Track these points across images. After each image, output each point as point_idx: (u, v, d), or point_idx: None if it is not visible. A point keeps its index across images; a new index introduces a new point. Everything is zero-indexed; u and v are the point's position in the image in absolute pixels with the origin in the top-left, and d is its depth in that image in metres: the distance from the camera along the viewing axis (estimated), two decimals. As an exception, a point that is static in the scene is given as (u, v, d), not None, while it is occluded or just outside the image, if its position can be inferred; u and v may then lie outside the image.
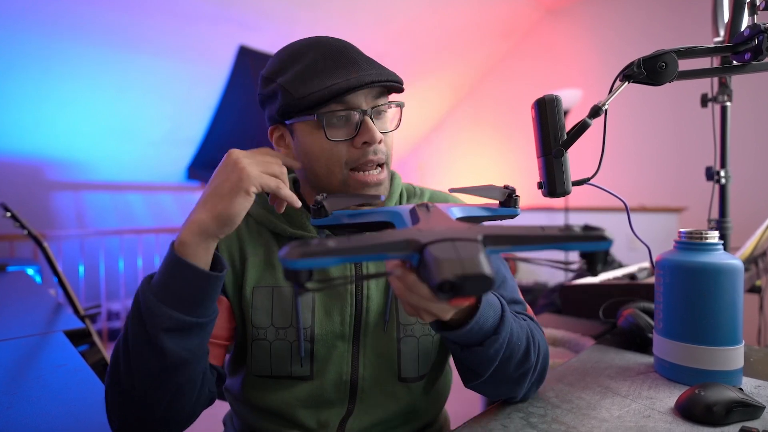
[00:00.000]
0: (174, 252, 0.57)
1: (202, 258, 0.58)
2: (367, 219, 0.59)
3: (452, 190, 0.69)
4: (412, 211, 0.51)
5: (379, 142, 0.67)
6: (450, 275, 0.33)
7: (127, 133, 3.66)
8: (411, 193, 0.81)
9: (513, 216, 0.62)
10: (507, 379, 0.64)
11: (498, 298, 0.61)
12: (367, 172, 0.67)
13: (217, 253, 0.61)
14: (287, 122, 0.68)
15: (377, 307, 0.71)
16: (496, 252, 0.39)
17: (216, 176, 0.59)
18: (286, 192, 0.60)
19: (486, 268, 0.34)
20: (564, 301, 1.42)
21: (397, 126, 0.72)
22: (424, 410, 0.77)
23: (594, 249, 0.36)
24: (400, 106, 0.71)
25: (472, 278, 0.33)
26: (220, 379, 0.70)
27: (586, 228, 0.37)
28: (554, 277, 3.98)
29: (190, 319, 0.57)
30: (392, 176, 0.77)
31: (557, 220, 3.94)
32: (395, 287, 0.45)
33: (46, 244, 1.87)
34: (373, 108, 0.67)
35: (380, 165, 0.69)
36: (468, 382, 0.66)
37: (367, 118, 0.66)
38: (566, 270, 0.39)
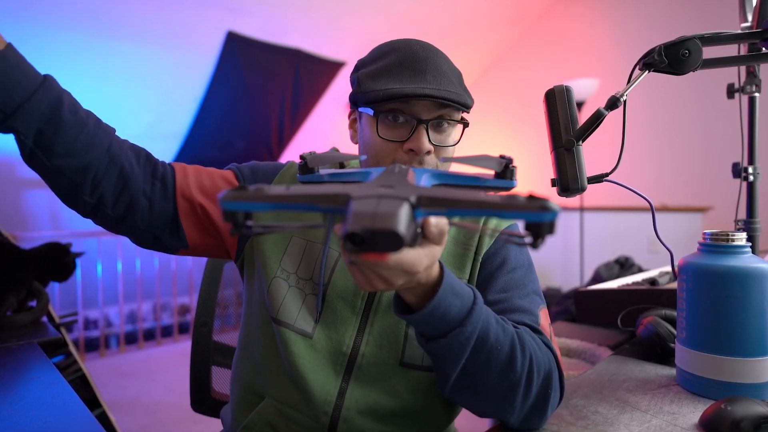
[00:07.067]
0: None
1: None
2: (344, 178, 0.63)
3: (443, 158, 0.75)
4: (384, 172, 0.53)
5: (428, 153, 0.73)
6: (358, 227, 0.36)
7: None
8: None
9: (508, 188, 0.60)
10: (489, 391, 0.62)
11: (473, 290, 0.60)
12: None
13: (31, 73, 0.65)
14: (359, 109, 0.79)
15: None
16: (431, 214, 0.42)
17: None
18: None
19: (399, 225, 0.36)
20: (579, 308, 1.42)
21: (456, 143, 0.78)
22: (431, 411, 0.77)
23: (538, 219, 0.38)
24: (463, 124, 0.78)
25: (380, 233, 0.36)
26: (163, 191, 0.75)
27: (531, 198, 0.38)
28: (568, 282, 3.98)
29: None
30: None
31: (572, 220, 3.94)
32: (342, 251, 0.46)
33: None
34: (432, 120, 0.73)
35: None
36: (440, 385, 0.65)
37: (422, 128, 0.72)
38: (517, 243, 0.41)
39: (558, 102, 0.70)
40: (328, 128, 4.64)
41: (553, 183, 0.72)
